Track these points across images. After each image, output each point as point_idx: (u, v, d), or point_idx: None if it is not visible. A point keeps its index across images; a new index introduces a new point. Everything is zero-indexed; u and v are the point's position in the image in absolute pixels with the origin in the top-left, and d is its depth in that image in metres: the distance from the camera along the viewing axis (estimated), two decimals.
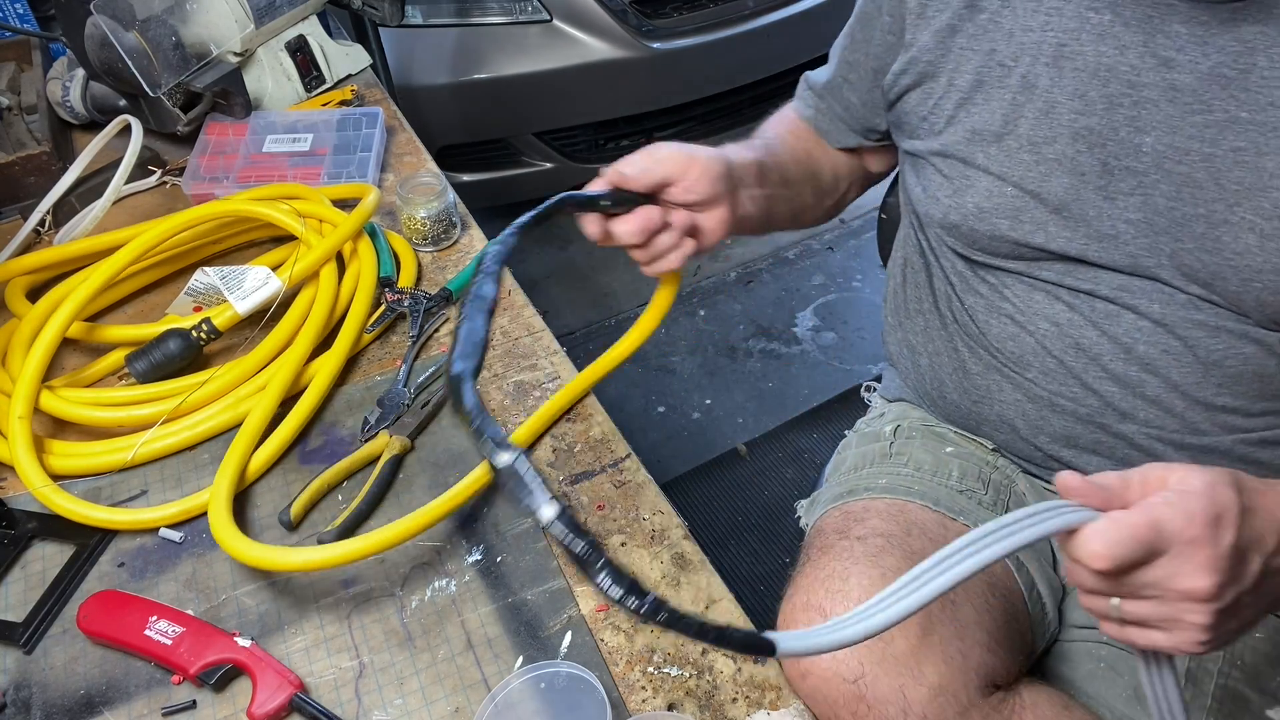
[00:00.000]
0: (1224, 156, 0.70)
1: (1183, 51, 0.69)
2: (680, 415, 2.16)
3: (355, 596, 0.79)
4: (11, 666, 0.76)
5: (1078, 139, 0.75)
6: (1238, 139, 0.69)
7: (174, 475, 0.90)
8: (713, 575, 0.79)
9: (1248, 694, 0.78)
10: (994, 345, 0.87)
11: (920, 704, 0.70)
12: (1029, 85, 0.76)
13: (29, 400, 0.89)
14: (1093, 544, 0.53)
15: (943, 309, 0.92)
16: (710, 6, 2.36)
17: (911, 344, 0.98)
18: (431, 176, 1.17)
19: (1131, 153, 0.73)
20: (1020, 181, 0.78)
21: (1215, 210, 0.71)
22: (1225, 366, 0.77)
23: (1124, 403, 0.81)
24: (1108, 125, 0.73)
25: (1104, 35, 0.72)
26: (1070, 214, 0.77)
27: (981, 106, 0.79)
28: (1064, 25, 0.74)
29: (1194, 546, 0.53)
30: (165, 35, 1.21)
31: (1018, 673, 0.79)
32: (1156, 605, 0.55)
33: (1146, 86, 0.71)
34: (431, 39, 2.24)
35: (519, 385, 0.97)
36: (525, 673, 0.69)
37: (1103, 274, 0.78)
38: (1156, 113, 0.71)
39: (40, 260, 1.07)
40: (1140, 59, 0.71)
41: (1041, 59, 0.75)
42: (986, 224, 0.81)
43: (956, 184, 0.82)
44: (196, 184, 1.21)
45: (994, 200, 0.80)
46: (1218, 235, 0.71)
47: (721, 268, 2.56)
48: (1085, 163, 0.75)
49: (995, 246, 0.82)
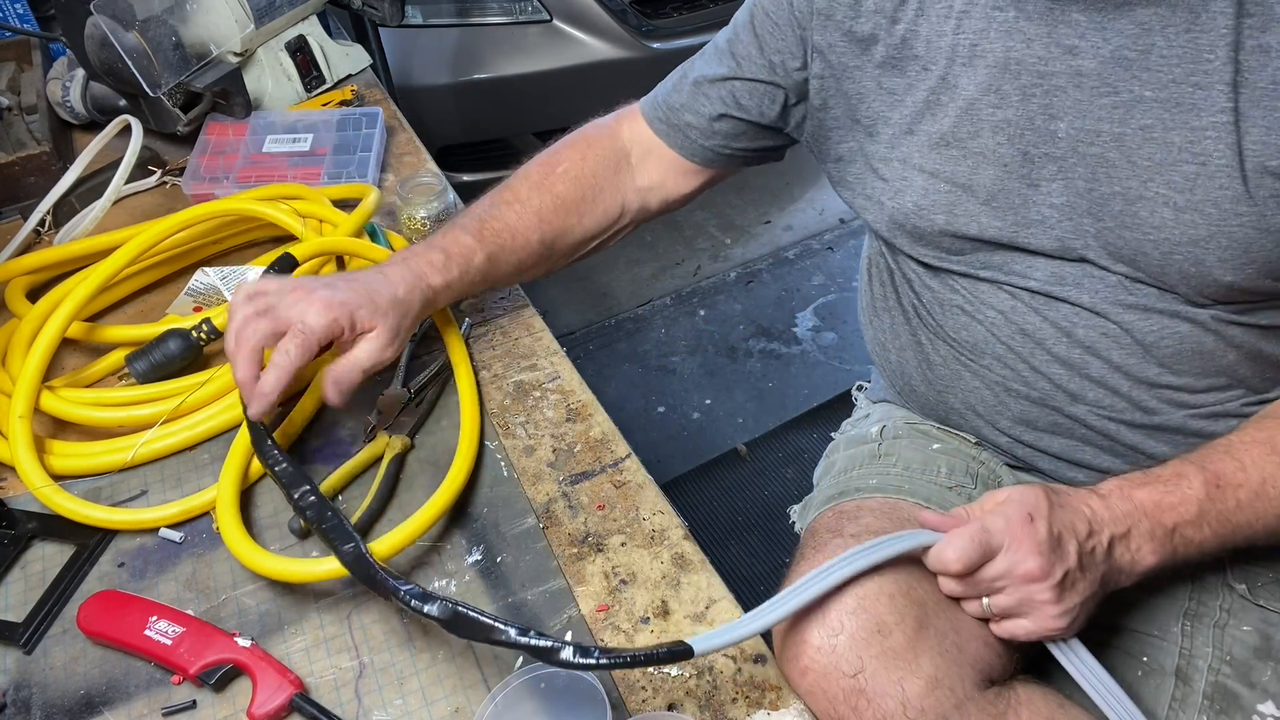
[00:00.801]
0: (1133, 135, 0.73)
1: (1084, 38, 0.73)
2: (680, 415, 2.16)
3: (355, 596, 0.79)
4: (11, 666, 0.76)
5: (997, 132, 0.78)
6: (1144, 117, 0.72)
7: (174, 475, 0.90)
8: (713, 575, 0.79)
9: (1238, 689, 0.78)
10: (951, 336, 0.90)
11: (918, 697, 0.70)
12: (949, 85, 0.79)
13: (29, 400, 0.89)
14: (945, 554, 0.71)
15: (905, 305, 0.95)
16: (710, 6, 2.36)
17: (882, 341, 1.01)
18: (431, 176, 1.17)
19: (1048, 140, 0.76)
20: (952, 177, 0.81)
21: (1130, 187, 0.74)
22: (1163, 346, 0.80)
23: (1071, 384, 0.84)
24: (1023, 116, 0.77)
25: (1010, 31, 0.76)
26: (999, 204, 0.80)
27: (910, 110, 0.82)
28: (973, 26, 0.77)
29: (1017, 539, 0.70)
30: (165, 35, 1.21)
31: (1014, 668, 0.80)
32: (1011, 594, 0.71)
33: (1055, 75, 0.74)
34: (431, 39, 2.24)
35: (519, 385, 0.97)
36: (525, 673, 0.69)
37: (1038, 260, 0.81)
38: (1066, 99, 0.74)
39: (40, 260, 1.07)
40: (1046, 49, 0.74)
41: (958, 60, 0.78)
42: (925, 220, 0.84)
43: (895, 185, 0.85)
44: (196, 184, 1.21)
45: (930, 197, 0.83)
46: (1135, 211, 0.75)
47: (721, 268, 2.56)
48: (1007, 154, 0.78)
49: (938, 241, 0.85)
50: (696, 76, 0.95)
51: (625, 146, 1.00)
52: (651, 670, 0.72)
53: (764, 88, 0.91)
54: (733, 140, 0.96)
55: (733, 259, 2.59)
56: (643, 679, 0.72)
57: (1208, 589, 0.83)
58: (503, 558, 0.81)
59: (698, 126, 0.95)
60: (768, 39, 0.90)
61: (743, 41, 0.92)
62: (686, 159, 0.98)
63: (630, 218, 1.01)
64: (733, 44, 0.93)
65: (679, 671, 0.72)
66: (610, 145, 1.00)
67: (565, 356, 1.00)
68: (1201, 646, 0.81)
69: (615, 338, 2.38)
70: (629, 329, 2.40)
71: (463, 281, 0.91)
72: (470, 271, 0.91)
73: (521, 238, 0.94)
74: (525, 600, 0.78)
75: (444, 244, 0.91)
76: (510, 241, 0.94)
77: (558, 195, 0.97)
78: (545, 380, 0.97)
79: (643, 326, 2.40)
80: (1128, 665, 0.83)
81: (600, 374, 2.26)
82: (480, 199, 0.97)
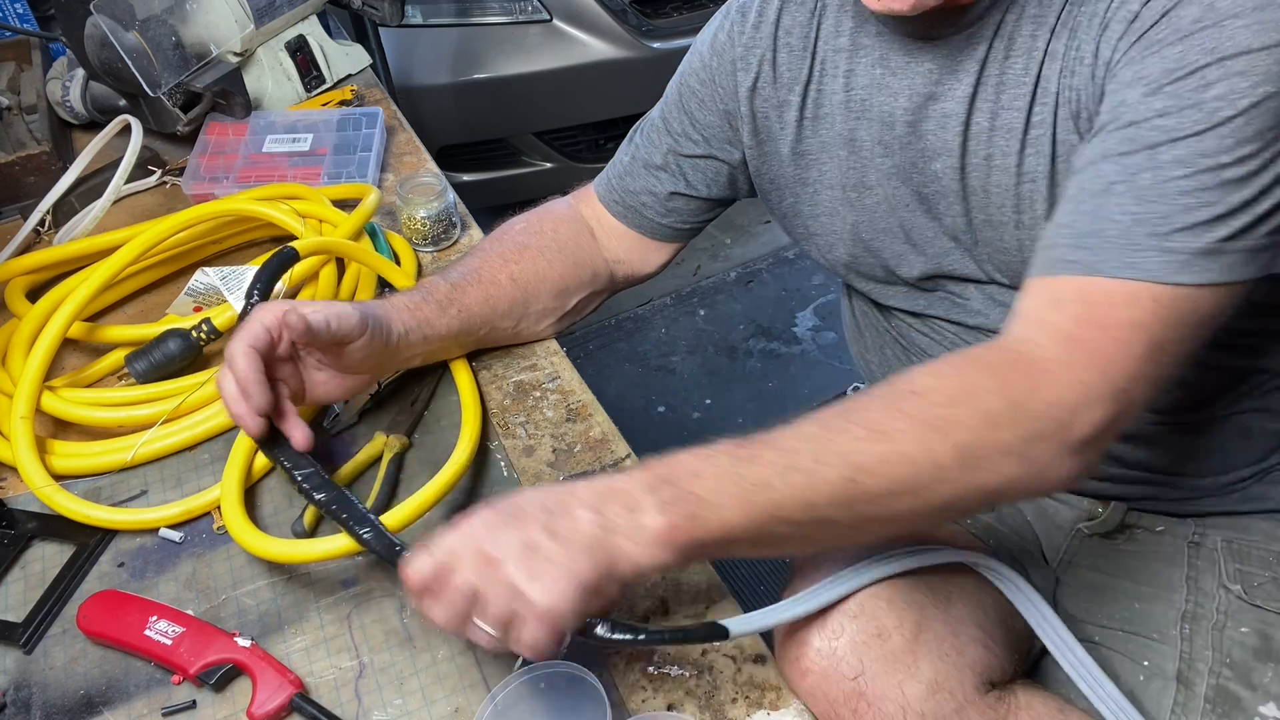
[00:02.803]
0: (980, 165, 0.77)
1: (940, 84, 0.77)
2: (680, 415, 2.16)
3: (355, 596, 0.79)
4: (11, 666, 0.76)
5: (891, 178, 0.82)
6: (986, 147, 0.76)
7: (174, 475, 0.90)
8: (712, 575, 0.79)
9: (1239, 692, 0.78)
10: (920, 355, 0.92)
11: (918, 700, 0.70)
12: (851, 140, 0.83)
13: (31, 400, 0.89)
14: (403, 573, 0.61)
15: (880, 326, 0.98)
16: (710, 6, 2.36)
17: (866, 358, 1.04)
18: (431, 176, 1.17)
19: (931, 179, 0.80)
20: (871, 224, 0.86)
21: (991, 215, 0.78)
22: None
23: None
24: (906, 161, 0.81)
25: (881, 87, 0.80)
26: (915, 240, 0.84)
27: (827, 166, 0.86)
28: (859, 84, 0.82)
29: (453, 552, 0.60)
30: (165, 35, 1.21)
31: (1014, 671, 0.80)
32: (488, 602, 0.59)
33: (924, 120, 0.78)
34: (431, 39, 2.24)
35: (519, 385, 0.97)
36: (525, 673, 0.69)
37: (970, 288, 0.84)
38: (936, 140, 0.78)
39: (40, 260, 1.07)
40: (910, 100, 0.78)
41: (851, 116, 0.83)
42: (862, 265, 0.89)
43: (828, 239, 0.90)
44: (196, 184, 1.21)
45: (859, 245, 0.87)
46: (1000, 236, 0.78)
47: (721, 268, 2.56)
48: (904, 196, 0.82)
49: (886, 278, 0.89)
50: (644, 159, 0.96)
51: (589, 224, 1.00)
52: (651, 670, 0.73)
53: (705, 162, 0.94)
54: (690, 217, 0.98)
55: (733, 258, 2.59)
56: (643, 679, 0.72)
57: (1204, 591, 0.83)
58: None
59: (653, 206, 0.97)
60: (697, 114, 0.92)
61: (676, 119, 0.94)
62: (648, 237, 0.99)
63: (602, 284, 1.00)
64: (668, 121, 0.95)
65: (679, 671, 0.72)
66: (574, 218, 1.00)
67: (565, 356, 1.00)
68: (1201, 649, 0.81)
69: (615, 338, 2.38)
70: (629, 329, 2.40)
71: (433, 320, 0.88)
72: (441, 309, 0.89)
73: (489, 275, 0.93)
74: None
75: (415, 288, 0.91)
76: (478, 282, 0.92)
77: (535, 243, 0.96)
78: (545, 380, 0.97)
79: (643, 326, 2.40)
80: (1129, 669, 0.82)
81: (600, 374, 2.26)
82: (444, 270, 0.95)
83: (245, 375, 0.74)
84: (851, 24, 0.81)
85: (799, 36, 0.85)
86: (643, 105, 1.03)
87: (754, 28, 0.87)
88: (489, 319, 0.93)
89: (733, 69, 0.88)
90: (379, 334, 0.81)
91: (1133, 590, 0.86)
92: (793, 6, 0.85)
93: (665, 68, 1.03)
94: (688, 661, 0.73)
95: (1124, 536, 0.89)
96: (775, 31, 0.85)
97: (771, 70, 0.86)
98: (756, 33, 0.86)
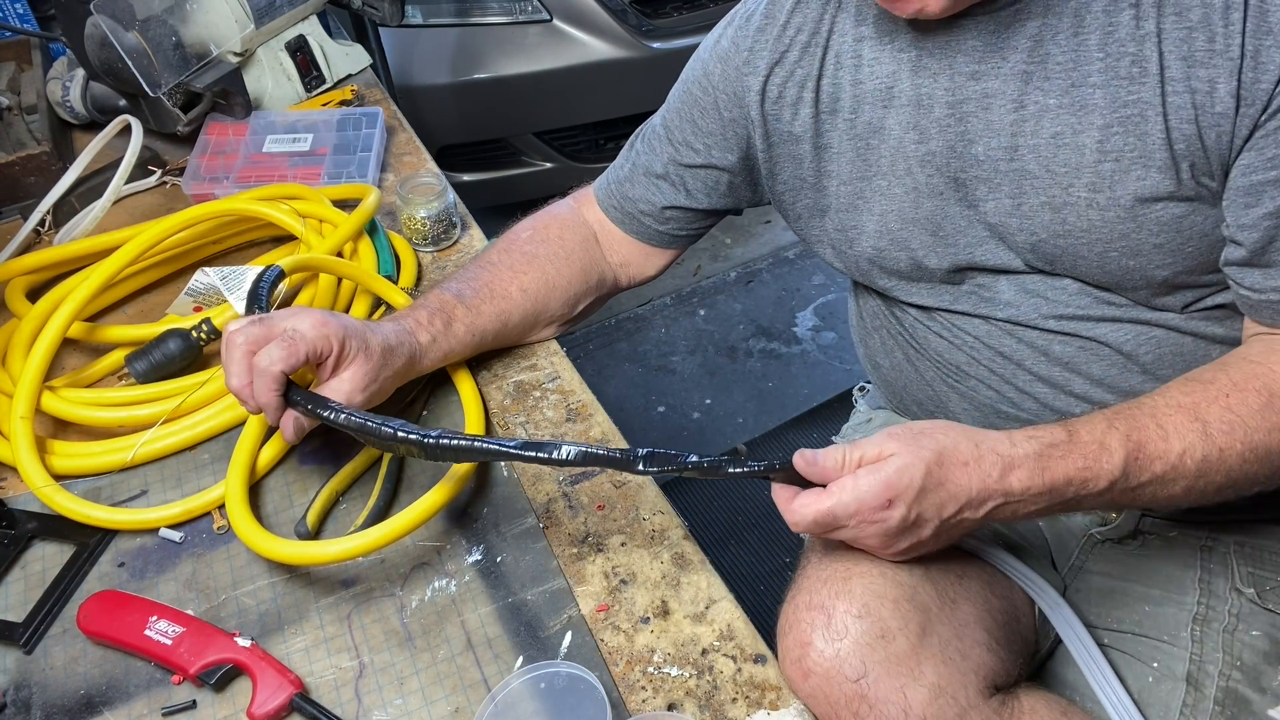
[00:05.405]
0: (1046, 144, 0.75)
1: (984, 62, 0.76)
2: (680, 415, 2.16)
3: (355, 596, 0.79)
4: (11, 666, 0.76)
5: (925, 165, 0.81)
6: (1054, 125, 0.75)
7: (174, 475, 0.90)
8: (713, 575, 0.79)
9: (1249, 695, 0.78)
10: (935, 357, 0.92)
11: (920, 705, 0.70)
12: (876, 129, 0.82)
13: (31, 400, 0.89)
14: (791, 517, 0.70)
15: (892, 327, 0.97)
16: (710, 6, 2.36)
17: (875, 360, 1.03)
18: (431, 176, 1.17)
19: (971, 164, 0.79)
20: (899, 214, 0.84)
21: (1054, 195, 0.76)
22: (1143, 354, 0.81)
23: (1057, 402, 0.85)
24: (943, 146, 0.80)
25: (916, 69, 0.79)
26: (944, 231, 0.83)
27: (848, 159, 0.85)
28: (884, 71, 0.81)
29: (863, 524, 0.69)
30: (165, 35, 1.21)
31: (1019, 674, 0.79)
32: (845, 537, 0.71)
33: (965, 101, 0.77)
34: (431, 39, 2.24)
35: (519, 385, 0.97)
36: (525, 673, 0.69)
37: (999, 281, 0.84)
38: (978, 122, 0.77)
39: (40, 260, 1.07)
40: (951, 80, 0.78)
41: (877, 104, 0.82)
42: (886, 260, 0.88)
43: (849, 234, 0.88)
44: (196, 184, 1.21)
45: (884, 239, 0.86)
46: (1063, 218, 0.77)
47: (721, 268, 2.56)
48: (938, 184, 0.81)
49: (906, 274, 0.88)
50: (645, 166, 0.96)
51: (593, 228, 1.01)
52: (651, 670, 0.73)
53: (706, 172, 0.94)
54: (688, 225, 0.98)
55: (733, 259, 2.59)
56: (643, 679, 0.72)
57: (1216, 594, 0.83)
58: (503, 558, 0.81)
59: (651, 214, 0.97)
60: (700, 121, 0.92)
61: (678, 127, 0.94)
62: (646, 244, 1.00)
63: (607, 288, 1.02)
64: (670, 129, 0.95)
65: (679, 671, 0.72)
66: (578, 223, 1.00)
67: (565, 356, 1.00)
68: (1211, 652, 0.81)
69: (615, 338, 2.38)
70: (629, 329, 2.40)
71: (450, 337, 0.89)
72: (455, 325, 0.90)
73: (501, 289, 0.94)
74: (525, 600, 0.78)
75: (428, 301, 0.91)
76: (490, 297, 0.93)
77: (543, 252, 0.97)
78: (545, 380, 0.97)
79: (643, 326, 2.40)
80: (1139, 671, 0.82)
81: (600, 374, 2.26)
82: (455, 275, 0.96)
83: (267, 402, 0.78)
84: (876, 10, 0.80)
85: (808, 33, 0.84)
86: (643, 105, 1.03)
87: (759, 30, 0.87)
88: (501, 332, 0.95)
89: (739, 74, 0.88)
90: (391, 362, 0.83)
91: (1144, 593, 0.86)
92: (802, 6, 0.85)
93: (665, 68, 1.03)
94: (688, 661, 0.73)
95: (1136, 542, 0.89)
96: (782, 32, 0.85)
97: (781, 70, 0.86)
98: (761, 35, 0.86)
